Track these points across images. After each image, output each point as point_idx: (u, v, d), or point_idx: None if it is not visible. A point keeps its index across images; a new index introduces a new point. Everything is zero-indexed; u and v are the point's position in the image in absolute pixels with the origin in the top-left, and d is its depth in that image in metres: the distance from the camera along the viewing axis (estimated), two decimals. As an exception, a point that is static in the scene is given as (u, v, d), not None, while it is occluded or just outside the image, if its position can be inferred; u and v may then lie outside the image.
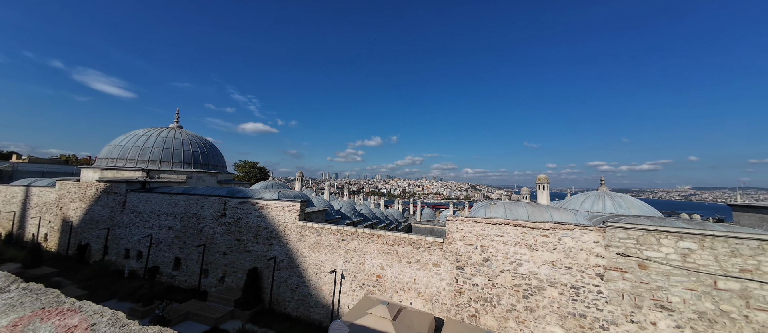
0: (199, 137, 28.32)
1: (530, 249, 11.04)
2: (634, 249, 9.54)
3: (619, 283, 9.79)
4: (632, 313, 9.72)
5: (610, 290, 9.94)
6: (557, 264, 10.65)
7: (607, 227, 9.77)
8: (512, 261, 11.37)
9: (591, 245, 10.10)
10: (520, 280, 11.27)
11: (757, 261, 8.13)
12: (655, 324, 9.45)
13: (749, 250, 8.20)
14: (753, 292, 8.22)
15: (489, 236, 11.75)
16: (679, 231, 8.85)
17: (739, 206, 14.35)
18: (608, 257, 9.89)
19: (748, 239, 8.19)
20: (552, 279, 10.75)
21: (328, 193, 28.79)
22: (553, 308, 10.78)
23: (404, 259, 13.41)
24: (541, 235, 10.81)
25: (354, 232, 14.60)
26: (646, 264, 9.37)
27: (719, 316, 8.58)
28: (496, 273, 11.66)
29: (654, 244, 9.26)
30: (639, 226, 9.31)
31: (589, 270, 10.20)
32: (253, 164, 52.25)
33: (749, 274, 8.20)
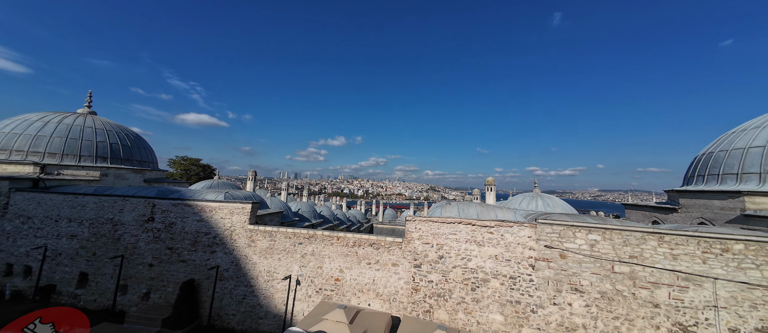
0: (121, 127, 23.19)
1: (478, 245, 11.86)
2: (557, 241, 11.05)
3: (546, 271, 11.14)
4: (554, 296, 11.09)
5: (538, 278, 11.23)
6: (500, 258, 11.64)
7: (538, 224, 11.15)
8: (463, 257, 12.02)
9: (526, 240, 11.36)
10: (469, 274, 11.93)
11: (640, 249, 10.22)
12: (571, 304, 10.92)
13: (635, 240, 10.28)
14: (638, 274, 10.23)
15: (444, 235, 12.26)
16: (589, 226, 10.61)
17: (630, 205, 18.13)
18: (538, 249, 11.23)
19: (634, 231, 10.27)
20: (495, 271, 11.66)
21: (285, 194, 26.34)
22: (495, 298, 11.64)
23: (364, 261, 13.00)
24: (488, 232, 11.75)
25: (312, 235, 13.63)
26: (566, 254, 10.92)
27: (615, 294, 10.39)
28: (449, 269, 12.14)
29: (571, 237, 10.89)
30: (561, 223, 10.88)
31: (524, 261, 11.40)
32: (194, 161, 43.92)
33: (636, 259, 10.22)
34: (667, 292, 10.05)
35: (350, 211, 50.21)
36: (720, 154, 12.34)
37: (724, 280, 9.37)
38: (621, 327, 10.50)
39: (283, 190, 26.27)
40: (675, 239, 9.97)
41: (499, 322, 11.59)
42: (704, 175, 12.62)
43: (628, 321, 10.43)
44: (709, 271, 9.58)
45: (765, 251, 8.99)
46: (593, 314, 10.74)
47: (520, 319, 11.40)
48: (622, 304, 10.44)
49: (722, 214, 11.63)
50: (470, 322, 11.87)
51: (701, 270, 9.67)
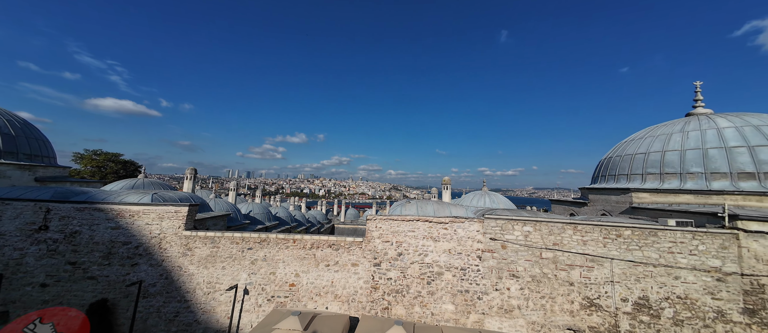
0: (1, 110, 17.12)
1: (434, 241, 12.03)
2: (500, 234, 11.91)
3: (490, 261, 11.88)
4: (496, 282, 11.87)
5: (484, 268, 11.90)
6: (452, 251, 11.99)
7: (485, 219, 11.87)
8: (420, 253, 12.04)
9: (475, 233, 11.97)
10: (425, 269, 11.98)
11: (561, 237, 11.65)
12: (509, 289, 11.83)
13: (557, 230, 11.69)
14: (559, 258, 11.62)
15: (403, 232, 12.12)
16: (524, 219, 11.73)
17: (554, 200, 20.75)
18: (485, 242, 11.93)
19: (556, 223, 11.68)
20: (448, 264, 11.96)
21: (233, 195, 22.61)
22: (448, 289, 11.91)
23: (322, 263, 11.98)
24: (443, 228, 12.02)
25: (264, 239, 12.04)
26: (506, 245, 11.84)
27: (543, 277, 11.61)
28: (407, 265, 12.01)
29: (510, 230, 11.87)
30: (503, 217, 11.79)
31: (473, 253, 11.97)
32: (111, 156, 33.84)
33: (557, 246, 11.61)
34: (579, 272, 11.62)
35: (310, 211, 45.53)
36: (616, 159, 15.30)
37: (618, 259, 11.27)
38: (546, 304, 11.72)
39: (232, 191, 22.74)
40: (585, 228, 11.65)
41: (451, 311, 11.85)
42: (605, 176, 15.49)
43: (551, 299, 11.71)
44: (608, 252, 11.42)
45: (644, 235, 11.12)
46: (526, 296, 11.78)
47: (468, 307, 11.84)
48: (547, 284, 11.70)
49: (617, 206, 14.33)
50: (425, 313, 11.87)
51: (603, 252, 11.47)
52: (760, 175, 11.50)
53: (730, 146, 12.07)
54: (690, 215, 11.72)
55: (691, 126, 13.29)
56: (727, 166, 12.01)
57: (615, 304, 11.45)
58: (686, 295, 11.03)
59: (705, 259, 10.97)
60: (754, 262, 10.62)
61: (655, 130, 14.61)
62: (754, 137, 11.78)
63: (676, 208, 12.35)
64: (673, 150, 13.16)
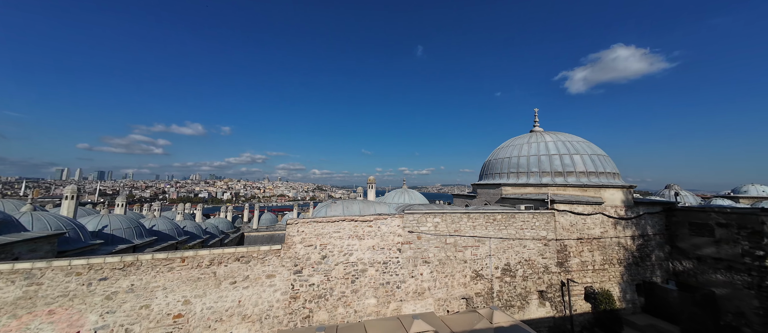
0: None
1: (359, 239, 11.26)
2: (416, 226, 12.35)
3: (408, 252, 12.18)
4: (412, 270, 12.30)
5: (403, 258, 12.08)
6: (376, 247, 11.57)
7: (405, 214, 12.03)
8: (346, 253, 11.02)
9: (396, 228, 11.95)
10: (350, 268, 11.08)
11: (459, 224, 13.11)
12: (422, 274, 12.48)
13: (457, 218, 13.11)
14: (458, 242, 13.06)
15: (328, 234, 10.75)
16: (435, 212, 12.61)
17: (455, 195, 23.11)
18: (404, 235, 12.11)
19: (456, 213, 13.09)
20: (372, 260, 11.48)
21: (72, 205, 13.50)
22: (371, 284, 11.44)
23: (226, 281, 9.16)
24: (368, 226, 11.40)
25: (131, 262, 8.13)
26: (421, 235, 12.40)
27: (448, 259, 12.83)
28: (332, 267, 10.77)
29: (425, 222, 12.51)
30: (420, 211, 12.29)
31: (393, 247, 11.93)
32: None
33: (457, 232, 13.02)
34: (470, 252, 13.46)
35: (210, 220, 34.81)
36: (493, 161, 18.78)
37: (494, 237, 13.68)
38: (448, 282, 13.00)
39: (68, 199, 13.99)
40: (475, 216, 13.57)
41: (373, 304, 11.43)
42: (486, 174, 18.82)
43: (451, 276, 13.08)
44: (488, 233, 13.70)
45: (508, 218, 13.92)
46: (434, 277, 12.70)
47: (388, 297, 11.72)
48: (449, 265, 12.98)
49: (494, 197, 17.60)
50: (349, 313, 10.97)
51: (485, 233, 13.67)
52: (565, 173, 16.65)
53: (551, 154, 16.95)
54: (532, 202, 15.58)
55: (532, 139, 17.96)
56: (549, 167, 16.77)
57: (491, 272, 13.87)
58: (529, 258, 14.52)
59: (539, 231, 14.76)
60: (562, 231, 15.06)
61: (514, 140, 19.01)
62: (564, 148, 17.04)
63: (525, 197, 16.22)
64: (522, 156, 17.39)
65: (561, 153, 16.92)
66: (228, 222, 32.99)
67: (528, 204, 15.52)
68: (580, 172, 16.74)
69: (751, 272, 13.62)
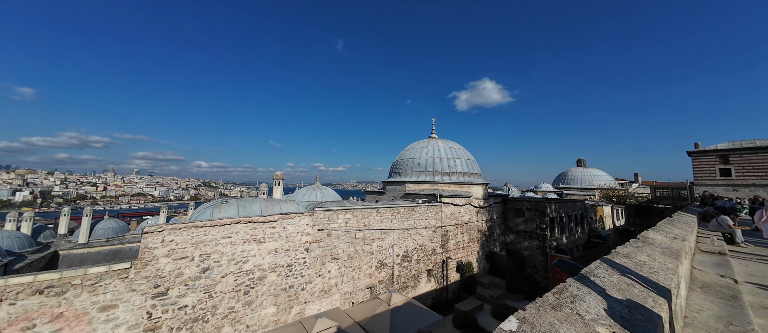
0: None
1: (259, 243, 8.69)
2: (327, 224, 10.72)
3: (317, 250, 10.46)
4: (320, 269, 10.69)
5: (310, 258, 10.29)
6: (280, 250, 9.29)
7: (315, 212, 10.17)
8: (238, 260, 8.26)
9: (304, 227, 9.97)
10: (243, 277, 8.40)
11: (369, 219, 12.34)
12: (330, 271, 11.07)
13: (367, 214, 12.29)
14: (367, 236, 12.31)
15: (213, 241, 7.70)
16: (347, 208, 11.34)
17: (367, 191, 21.29)
18: (313, 234, 10.28)
19: (366, 209, 12.25)
20: (274, 265, 9.15)
21: None
22: (270, 291, 9.15)
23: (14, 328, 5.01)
24: (270, 227, 8.95)
25: None
26: (331, 232, 10.89)
27: (355, 253, 11.85)
28: (217, 280, 7.83)
29: (336, 219, 11.04)
30: (331, 209, 10.71)
31: (301, 247, 9.95)
32: None
33: (367, 226, 12.19)
34: (377, 244, 12.96)
35: None
36: (400, 161, 18.82)
37: (397, 229, 13.65)
38: (355, 275, 12.08)
39: None
40: (382, 210, 13.13)
41: (271, 313, 9.17)
42: (394, 173, 18.66)
43: (358, 269, 12.22)
44: (393, 225, 13.56)
45: (409, 211, 14.17)
46: (342, 273, 11.49)
47: (291, 302, 9.71)
48: (357, 258, 12.05)
49: (399, 193, 17.66)
50: (238, 330, 8.33)
51: (390, 226, 13.45)
52: (450, 173, 18.59)
53: (442, 157, 18.60)
54: (427, 196, 16.54)
55: (430, 144, 19.23)
56: (440, 167, 18.35)
57: (393, 260, 13.84)
58: (423, 244, 15.37)
59: (430, 220, 15.81)
60: (445, 219, 16.66)
61: (417, 144, 19.87)
62: (451, 153, 19.00)
63: (423, 193, 17.08)
64: (422, 157, 18.34)
65: (449, 157, 18.84)
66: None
67: (424, 198, 16.41)
68: (460, 172, 19.09)
69: (540, 239, 19.10)
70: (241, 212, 8.59)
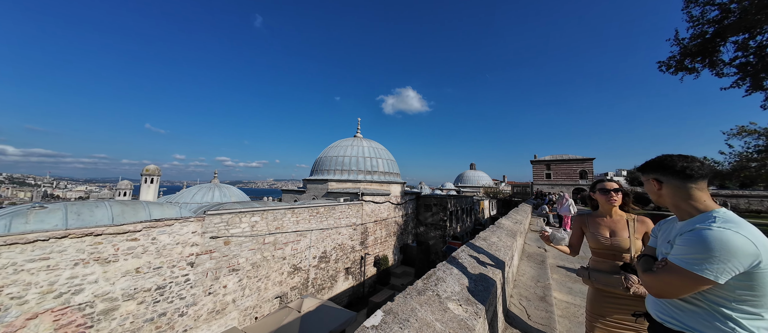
0: None
1: (105, 263, 6.11)
2: (224, 230, 8.75)
3: (207, 263, 8.41)
4: (211, 285, 8.70)
5: (197, 274, 8.18)
6: (144, 269, 6.87)
7: (206, 216, 8.07)
8: (64, 292, 5.55)
9: (189, 236, 7.75)
10: (72, 315, 5.74)
11: (282, 221, 10.93)
12: (226, 286, 9.19)
13: (281, 215, 10.85)
14: (278, 239, 10.84)
15: (12, 266, 4.83)
16: (253, 210, 9.60)
17: (285, 190, 17.82)
18: (202, 243, 8.16)
19: (279, 210, 10.78)
20: (133, 290, 6.70)
21: None
22: (126, 326, 6.70)
23: None
24: (129, 240, 6.44)
25: None
26: (230, 240, 8.99)
27: (262, 261, 10.28)
28: (18, 326, 5.02)
29: (238, 223, 9.17)
30: (230, 211, 8.79)
31: (182, 262, 7.71)
32: None
33: (279, 228, 10.75)
34: (291, 247, 11.67)
35: None
36: (324, 158, 17.22)
37: (316, 229, 12.72)
38: (261, 285, 10.51)
39: None
40: (299, 211, 11.90)
41: (129, 356, 6.73)
42: (316, 170, 16.88)
43: (266, 278, 10.69)
44: (311, 226, 12.54)
45: (329, 210, 13.48)
46: (243, 285, 9.74)
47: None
48: (265, 266, 10.49)
49: (321, 192, 16.16)
50: (62, 395, 5.70)
51: (308, 227, 12.38)
52: (372, 172, 18.79)
53: (366, 157, 18.56)
54: (350, 195, 16.16)
55: (355, 143, 18.78)
56: (364, 166, 18.27)
57: (309, 263, 12.81)
58: (342, 243, 14.95)
59: (351, 219, 15.56)
60: (366, 216, 16.80)
61: (341, 141, 18.96)
62: (374, 153, 19.20)
63: (345, 191, 16.52)
64: (346, 156, 17.71)
65: (372, 156, 19.03)
66: None
67: (346, 197, 15.95)
68: (381, 171, 19.64)
69: (442, 229, 22.17)
70: (71, 221, 5.64)
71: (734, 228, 1.05)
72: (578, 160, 35.24)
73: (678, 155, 1.27)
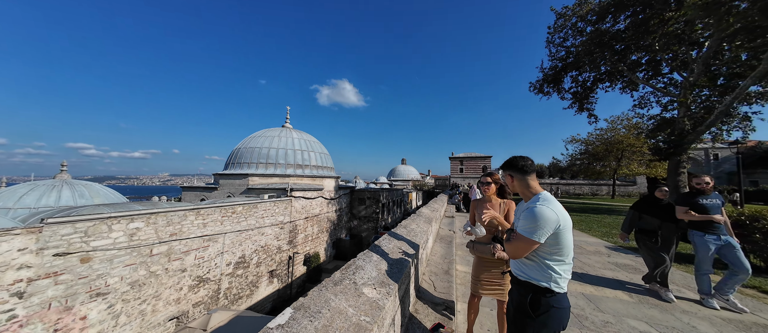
0: None
1: None
2: (80, 243, 6.44)
3: (50, 291, 6.07)
4: (59, 319, 6.38)
5: (32, 306, 5.81)
6: None
7: (45, 226, 5.71)
8: None
9: (14, 256, 5.33)
10: None
11: (181, 225, 8.89)
12: (85, 317, 6.91)
13: (178, 218, 8.78)
14: (174, 248, 8.83)
15: None
16: (132, 214, 7.41)
17: (186, 187, 13.33)
18: (39, 265, 5.79)
19: (177, 211, 8.74)
20: None
21: None
22: None
23: None
24: None
25: None
26: (92, 255, 6.71)
27: (148, 277, 8.20)
28: None
29: (105, 232, 6.90)
30: (89, 217, 6.50)
31: (2, 293, 5.29)
32: None
33: (175, 235, 8.74)
34: (194, 256, 9.70)
35: None
36: (243, 150, 14.39)
37: (231, 232, 10.96)
38: (147, 308, 8.40)
39: None
40: (207, 211, 9.98)
41: None
42: (234, 163, 13.95)
43: (156, 297, 8.61)
44: (224, 229, 10.73)
45: (250, 208, 11.86)
46: (116, 312, 7.54)
47: (-44, 407, 5.00)
48: (153, 283, 8.39)
49: (240, 188, 13.57)
50: None
51: (219, 230, 10.54)
52: (303, 166, 17.41)
53: (296, 149, 16.99)
54: (276, 190, 14.55)
55: (283, 134, 16.83)
56: (293, 160, 16.70)
57: (220, 271, 10.98)
58: (266, 244, 13.46)
59: (278, 217, 14.16)
60: (295, 213, 15.61)
61: (266, 131, 16.58)
62: (305, 146, 17.74)
63: (271, 187, 14.74)
64: (273, 147, 15.71)
65: (303, 149, 17.65)
66: None
67: (272, 193, 14.29)
68: (313, 165, 18.52)
69: (374, 221, 22.93)
70: None
71: (547, 205, 1.52)
72: (482, 157, 42.98)
73: (520, 156, 1.74)
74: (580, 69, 15.18)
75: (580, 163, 35.21)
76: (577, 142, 34.80)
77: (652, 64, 14.30)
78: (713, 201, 3.66)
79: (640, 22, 12.67)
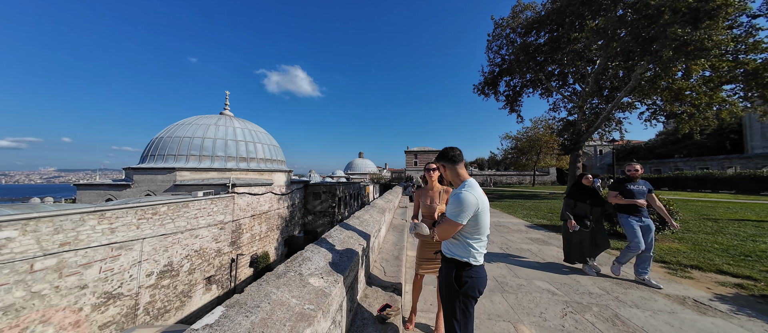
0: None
1: None
2: None
3: None
4: None
5: None
6: None
7: None
8: None
9: None
10: None
11: (77, 232, 7.14)
12: None
13: (72, 224, 7.01)
14: (67, 261, 7.08)
15: None
16: (-5, 222, 5.62)
17: (83, 185, 9.56)
18: None
19: (71, 214, 6.97)
20: None
21: None
22: None
23: None
24: None
25: None
26: None
27: (31, 298, 6.44)
28: None
29: (-55, 249, 5.07)
30: None
31: None
32: None
33: (68, 245, 6.99)
34: (98, 268, 7.95)
35: None
36: (166, 139, 11.74)
37: (151, 237, 9.32)
38: (28, 338, 6.57)
39: None
40: (116, 213, 8.23)
41: None
42: (154, 155, 11.24)
43: (42, 323, 6.80)
44: (141, 233, 9.05)
45: (178, 208, 10.24)
46: (-25, 350, 5.71)
47: None
48: (37, 306, 6.60)
49: (163, 185, 11.15)
50: None
51: (135, 235, 8.85)
52: (248, 159, 15.67)
53: (238, 140, 15.14)
54: (214, 186, 12.81)
55: (221, 122, 14.70)
56: (235, 152, 14.87)
57: (138, 284, 9.26)
58: (201, 247, 11.86)
59: (216, 216, 12.59)
60: (239, 211, 14.14)
61: (199, 119, 14.16)
62: (250, 136, 15.92)
63: (206, 183, 12.87)
64: (208, 137, 13.61)
65: (247, 140, 15.90)
66: None
67: (208, 189, 12.53)
68: (261, 158, 16.95)
69: (331, 215, 22.50)
70: None
71: (470, 190, 1.70)
72: (434, 151, 46.23)
73: (450, 147, 1.91)
74: (512, 75, 17.46)
75: (511, 156, 41.95)
76: (509, 138, 41.57)
77: (561, 76, 17.47)
78: (640, 187, 3.83)
79: (554, 38, 15.26)
